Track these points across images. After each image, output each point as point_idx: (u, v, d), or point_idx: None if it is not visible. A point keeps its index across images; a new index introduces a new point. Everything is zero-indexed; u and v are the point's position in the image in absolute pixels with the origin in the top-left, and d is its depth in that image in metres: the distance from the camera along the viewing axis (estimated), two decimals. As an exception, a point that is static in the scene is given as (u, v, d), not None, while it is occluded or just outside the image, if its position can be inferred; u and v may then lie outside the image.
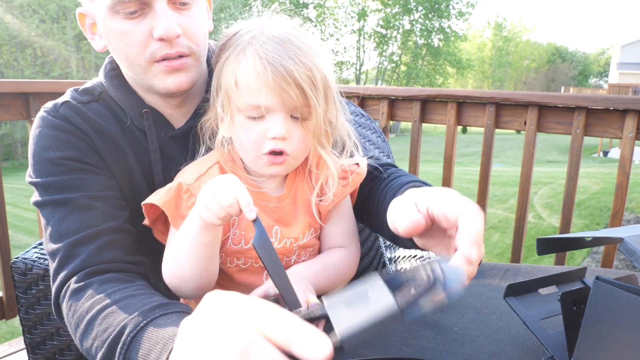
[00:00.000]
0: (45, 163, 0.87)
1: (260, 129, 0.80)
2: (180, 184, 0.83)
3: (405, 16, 37.47)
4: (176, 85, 0.89)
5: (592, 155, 16.86)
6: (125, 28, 0.85)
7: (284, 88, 0.76)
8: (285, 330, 0.41)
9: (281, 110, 0.78)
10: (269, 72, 0.75)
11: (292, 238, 0.88)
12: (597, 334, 0.51)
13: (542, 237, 0.68)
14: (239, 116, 0.81)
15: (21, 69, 22.81)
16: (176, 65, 0.88)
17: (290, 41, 0.78)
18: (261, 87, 0.76)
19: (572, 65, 62.22)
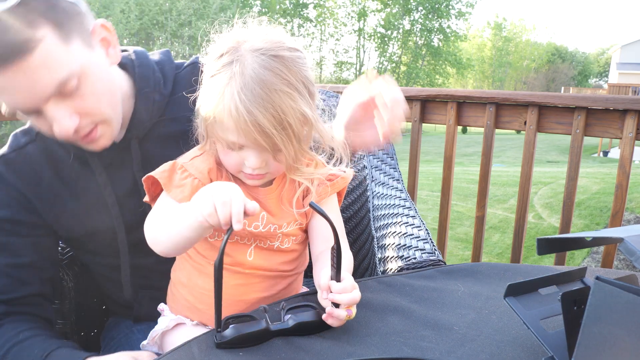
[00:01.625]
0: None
1: (238, 157, 0.86)
2: (175, 162, 0.90)
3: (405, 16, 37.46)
4: (99, 148, 0.96)
5: (592, 155, 16.85)
6: (32, 122, 0.92)
7: (253, 135, 0.80)
8: None
9: (255, 147, 0.84)
10: (241, 121, 0.79)
11: (277, 225, 0.93)
12: (597, 334, 0.51)
13: (542, 237, 0.68)
14: (218, 144, 0.87)
15: (21, 69, 22.80)
16: (88, 140, 0.93)
17: (268, 84, 0.80)
18: (234, 130, 0.81)
19: (572, 65, 62.22)
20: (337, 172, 0.99)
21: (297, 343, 0.73)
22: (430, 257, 1.10)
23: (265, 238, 0.93)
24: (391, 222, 1.31)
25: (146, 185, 0.90)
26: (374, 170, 1.50)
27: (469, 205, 7.24)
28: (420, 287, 0.90)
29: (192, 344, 0.73)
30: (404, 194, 1.42)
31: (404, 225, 1.25)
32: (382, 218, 1.38)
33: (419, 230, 1.21)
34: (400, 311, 0.82)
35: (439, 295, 0.87)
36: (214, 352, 0.71)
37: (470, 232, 5.82)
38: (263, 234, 0.92)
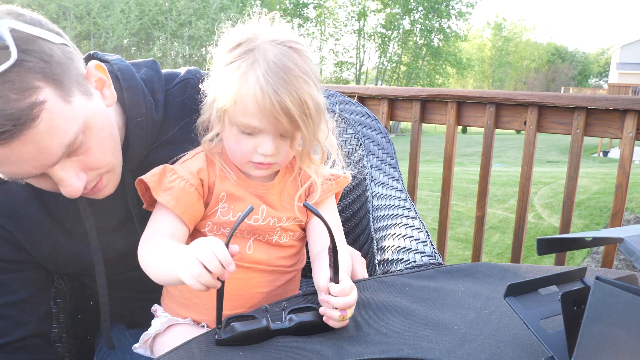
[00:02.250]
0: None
1: (252, 144, 0.87)
2: (166, 166, 0.91)
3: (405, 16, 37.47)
4: (103, 197, 0.93)
5: (592, 155, 16.85)
6: (31, 182, 0.85)
7: (277, 117, 0.83)
8: None
9: (272, 132, 0.86)
10: (267, 103, 0.81)
11: (276, 218, 0.95)
12: (597, 334, 0.51)
13: (542, 237, 0.68)
14: (232, 128, 0.88)
15: (21, 69, 22.79)
16: (93, 192, 0.90)
17: (290, 70, 0.83)
18: (257, 113, 0.83)
19: (572, 65, 62.22)
20: (338, 172, 1.02)
21: (297, 343, 0.73)
22: (430, 261, 1.10)
23: (264, 232, 0.94)
24: (391, 224, 1.31)
25: (140, 191, 0.91)
26: (374, 169, 1.50)
27: (469, 205, 7.24)
28: (420, 287, 0.90)
29: (192, 343, 0.73)
30: (404, 195, 1.42)
31: (404, 227, 1.25)
32: (382, 219, 1.38)
33: (419, 232, 1.20)
34: (400, 311, 0.82)
35: (439, 295, 0.87)
36: (214, 352, 0.71)
37: (470, 232, 5.81)
38: (262, 227, 0.94)
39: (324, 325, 0.77)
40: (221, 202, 0.93)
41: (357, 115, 1.57)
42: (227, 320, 0.75)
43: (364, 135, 1.52)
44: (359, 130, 1.53)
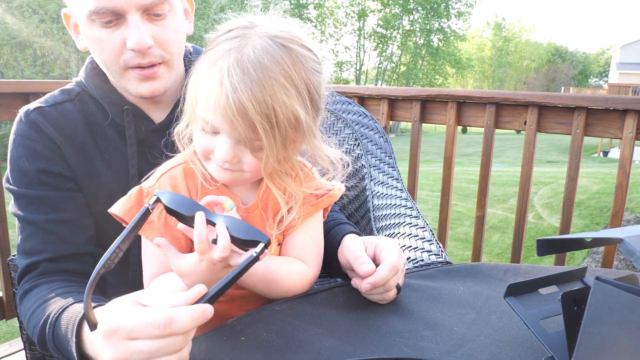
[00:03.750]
0: (19, 172, 0.96)
1: (211, 143, 0.78)
2: (141, 188, 0.83)
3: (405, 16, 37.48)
4: (149, 92, 0.95)
5: (592, 155, 16.85)
6: (101, 36, 0.91)
7: (232, 118, 0.72)
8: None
9: (230, 136, 0.75)
10: (223, 99, 0.71)
11: None
12: (597, 334, 0.51)
13: (542, 238, 0.68)
14: (196, 123, 0.80)
15: (21, 69, 22.80)
16: (148, 74, 0.93)
17: (264, 69, 0.71)
18: (213, 108, 0.73)
19: (572, 65, 62.23)
20: (326, 186, 0.90)
21: (297, 343, 0.73)
22: (438, 259, 1.10)
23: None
24: (394, 223, 1.31)
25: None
26: (373, 169, 1.50)
27: (469, 205, 7.24)
28: (420, 287, 0.90)
29: (191, 344, 0.73)
30: (405, 194, 1.42)
31: (407, 226, 1.25)
32: (384, 218, 1.38)
33: (424, 231, 1.20)
34: (400, 311, 0.82)
35: (439, 295, 0.87)
36: (214, 353, 0.71)
37: (470, 232, 5.82)
38: None
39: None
40: None
41: (355, 115, 1.57)
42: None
43: (362, 135, 1.52)
44: (357, 130, 1.53)
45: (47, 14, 22.20)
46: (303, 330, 0.76)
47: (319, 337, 0.75)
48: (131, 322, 0.60)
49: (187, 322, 0.59)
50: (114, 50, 0.91)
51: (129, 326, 0.59)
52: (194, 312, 0.60)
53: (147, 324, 0.59)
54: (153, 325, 0.58)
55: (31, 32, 22.12)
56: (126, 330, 0.59)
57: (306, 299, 0.86)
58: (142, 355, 0.59)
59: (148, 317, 0.59)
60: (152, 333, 0.59)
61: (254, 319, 0.78)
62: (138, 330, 0.59)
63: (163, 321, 0.58)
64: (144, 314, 0.60)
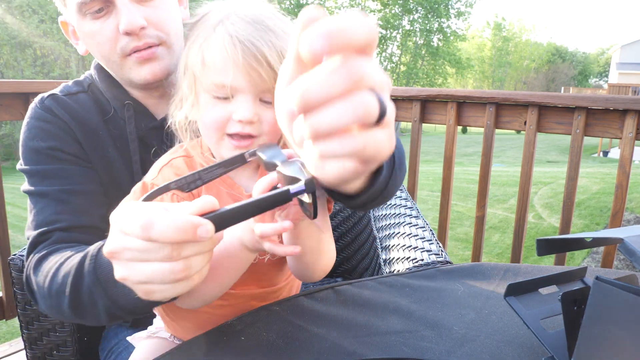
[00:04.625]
0: (31, 152, 0.94)
1: (226, 110, 0.74)
2: (144, 183, 0.80)
3: (404, 16, 37.48)
4: (151, 74, 0.94)
5: (592, 155, 16.86)
6: (94, 28, 0.91)
7: (254, 68, 0.71)
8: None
9: (250, 92, 0.73)
10: (239, 51, 0.70)
11: None
12: (597, 334, 0.51)
13: (542, 238, 0.68)
14: (204, 96, 0.76)
15: (21, 69, 22.81)
16: (146, 55, 0.92)
17: (263, 22, 0.73)
18: (229, 66, 0.71)
19: (572, 65, 62.25)
20: None
21: (297, 343, 0.73)
22: (438, 259, 1.10)
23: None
24: (394, 223, 1.31)
25: None
26: (374, 170, 1.50)
27: (469, 205, 7.25)
28: (420, 287, 0.90)
29: (192, 343, 0.73)
30: (405, 194, 1.42)
31: (407, 226, 1.25)
32: (384, 218, 1.38)
33: (424, 231, 1.20)
34: (400, 311, 0.82)
35: (439, 295, 0.87)
36: (214, 353, 0.71)
37: (470, 232, 5.82)
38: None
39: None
40: None
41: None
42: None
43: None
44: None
45: (47, 14, 22.20)
46: (303, 330, 0.76)
47: (319, 337, 0.75)
48: (123, 215, 0.54)
49: (166, 230, 0.50)
50: (109, 39, 0.91)
51: (121, 217, 0.54)
52: (178, 221, 0.50)
53: (130, 221, 0.52)
54: (134, 223, 0.52)
55: (31, 32, 22.13)
56: (119, 221, 0.54)
57: (306, 298, 0.86)
58: (132, 253, 0.53)
59: (132, 215, 0.53)
60: (134, 232, 0.52)
61: (254, 319, 0.78)
62: (126, 226, 0.53)
63: (142, 222, 0.51)
64: (134, 211, 0.53)
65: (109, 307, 0.68)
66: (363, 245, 1.53)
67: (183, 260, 0.52)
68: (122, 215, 0.54)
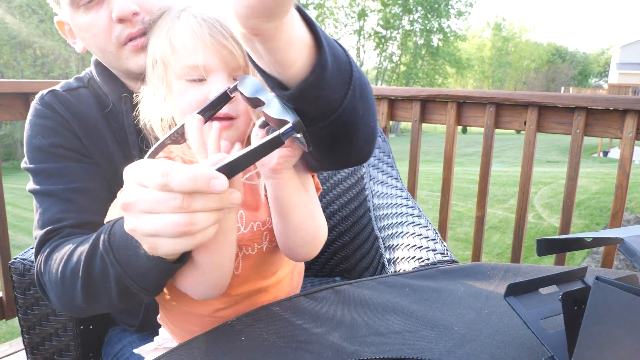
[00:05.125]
0: (35, 150, 0.94)
1: (201, 91, 0.75)
2: None
3: (404, 16, 37.48)
4: (142, 64, 0.92)
5: (592, 155, 16.86)
6: (88, 20, 0.91)
7: (223, 44, 0.73)
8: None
9: (222, 70, 0.74)
10: (205, 30, 0.73)
11: (260, 222, 0.82)
12: (597, 334, 0.51)
13: (542, 238, 0.68)
14: (177, 83, 0.77)
15: (21, 69, 22.81)
16: (142, 43, 0.92)
17: (222, 7, 0.76)
18: (198, 45, 0.73)
19: (572, 65, 62.24)
20: None
21: (297, 343, 0.73)
22: (443, 258, 1.10)
23: (250, 242, 0.82)
24: (396, 222, 1.31)
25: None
26: (372, 168, 1.50)
27: (469, 205, 7.25)
28: (420, 287, 0.90)
29: (192, 343, 0.73)
30: (405, 193, 1.42)
31: (411, 225, 1.25)
32: (385, 217, 1.38)
33: (427, 230, 1.20)
34: (400, 311, 0.82)
35: (439, 295, 0.87)
36: (214, 353, 0.71)
37: (470, 232, 5.82)
38: (247, 236, 0.81)
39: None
40: None
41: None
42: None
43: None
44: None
45: (47, 14, 22.19)
46: (303, 330, 0.76)
47: (319, 337, 0.75)
48: (140, 167, 0.56)
49: (184, 178, 0.52)
50: (103, 29, 0.91)
51: (137, 170, 0.56)
52: (196, 172, 0.53)
53: (150, 171, 0.55)
54: (155, 172, 0.54)
55: (31, 32, 22.12)
56: (135, 174, 0.57)
57: (306, 298, 0.86)
58: (145, 204, 0.55)
59: (153, 165, 0.55)
60: (153, 180, 0.54)
61: (254, 319, 0.78)
62: (144, 176, 0.55)
63: (163, 170, 0.53)
64: (152, 163, 0.56)
65: (119, 275, 0.69)
66: (362, 244, 1.53)
67: (190, 214, 0.55)
68: (139, 168, 0.56)
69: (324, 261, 1.64)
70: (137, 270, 0.67)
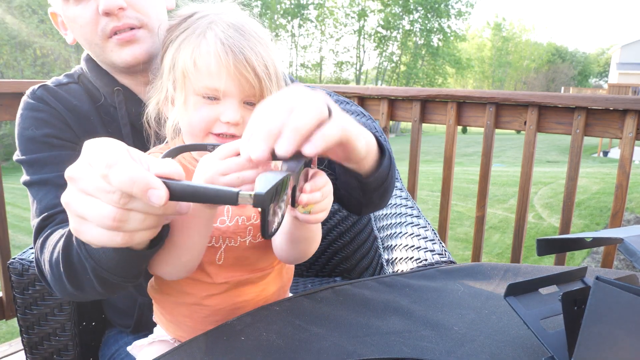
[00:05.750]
0: (28, 141, 0.95)
1: (214, 111, 0.79)
2: None
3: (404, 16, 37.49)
4: (132, 57, 0.95)
5: (592, 155, 16.86)
6: (76, 12, 0.93)
7: (243, 74, 0.77)
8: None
9: (237, 96, 0.79)
10: (231, 59, 0.76)
11: (245, 216, 0.84)
12: (597, 334, 0.51)
13: (542, 238, 0.68)
14: (193, 97, 0.80)
15: (21, 69, 22.81)
16: (127, 37, 0.93)
17: (247, 31, 0.79)
18: (222, 72, 0.77)
19: (572, 65, 62.25)
20: None
21: (297, 343, 0.73)
22: (441, 259, 1.09)
23: (234, 234, 0.84)
24: (396, 223, 1.31)
25: None
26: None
27: (469, 205, 7.25)
28: (420, 287, 0.90)
29: (192, 343, 0.73)
30: (405, 193, 1.42)
31: (409, 226, 1.24)
32: (385, 218, 1.38)
33: (426, 231, 1.20)
34: (400, 311, 0.82)
35: (439, 295, 0.87)
36: (214, 353, 0.71)
37: (470, 232, 5.82)
38: (231, 229, 0.83)
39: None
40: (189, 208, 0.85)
41: (352, 114, 1.57)
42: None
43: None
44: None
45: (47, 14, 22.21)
46: (303, 330, 0.76)
47: (319, 337, 0.75)
48: (96, 147, 0.55)
49: (123, 177, 0.50)
50: (90, 21, 0.92)
51: (93, 149, 0.55)
52: (136, 176, 0.50)
53: (99, 155, 0.53)
54: (101, 158, 0.53)
55: (31, 32, 22.12)
56: (90, 152, 0.55)
57: (306, 298, 0.86)
58: (85, 184, 0.54)
59: (104, 151, 0.53)
60: (97, 166, 0.53)
61: (254, 319, 0.78)
62: (92, 158, 0.54)
63: (107, 160, 0.52)
64: (107, 147, 0.54)
65: (95, 268, 0.69)
66: (362, 245, 1.53)
67: (124, 210, 0.53)
68: (96, 147, 0.54)
69: (324, 261, 1.64)
70: (109, 262, 0.66)
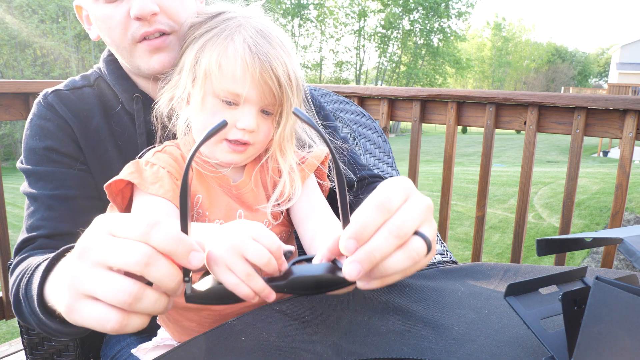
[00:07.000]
0: (30, 151, 0.95)
1: (231, 116, 0.79)
2: (139, 161, 0.84)
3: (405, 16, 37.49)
4: (160, 65, 0.93)
5: (592, 155, 16.86)
6: (107, 12, 0.91)
7: (268, 83, 0.77)
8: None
9: (256, 104, 0.79)
10: (257, 66, 0.76)
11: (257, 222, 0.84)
12: (597, 334, 0.51)
13: (542, 238, 0.68)
14: (212, 99, 0.80)
15: (21, 69, 22.81)
16: (157, 44, 0.91)
17: (274, 39, 0.80)
18: (246, 78, 0.77)
19: (572, 65, 62.27)
20: (303, 154, 0.93)
21: (297, 343, 0.73)
22: (443, 259, 1.09)
23: None
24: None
25: (109, 194, 0.81)
26: (372, 168, 1.50)
27: (469, 205, 7.25)
28: (420, 287, 0.90)
29: (192, 344, 0.73)
30: (404, 194, 1.41)
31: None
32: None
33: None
34: (400, 311, 0.82)
35: (439, 295, 0.87)
36: (214, 353, 0.71)
37: (470, 232, 5.82)
38: None
39: (326, 285, 0.60)
40: (196, 206, 0.84)
41: (353, 114, 1.57)
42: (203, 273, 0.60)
43: (360, 135, 1.53)
44: (355, 129, 1.53)
45: (47, 14, 22.19)
46: (303, 330, 0.76)
47: (319, 337, 0.75)
48: (119, 220, 0.52)
49: (169, 234, 0.49)
50: (120, 23, 0.90)
51: (114, 221, 0.51)
52: (182, 236, 0.50)
53: (136, 219, 0.51)
54: (141, 221, 0.50)
55: (31, 32, 22.13)
56: (110, 224, 0.52)
57: (306, 298, 0.86)
58: (103, 254, 0.51)
59: (138, 216, 0.51)
60: (135, 227, 0.50)
61: (254, 319, 0.78)
62: (121, 225, 0.51)
63: (150, 220, 0.50)
64: (135, 217, 0.52)
65: (39, 325, 0.71)
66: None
67: (141, 286, 0.50)
68: (117, 220, 0.51)
69: (324, 261, 1.63)
70: (55, 327, 0.69)
